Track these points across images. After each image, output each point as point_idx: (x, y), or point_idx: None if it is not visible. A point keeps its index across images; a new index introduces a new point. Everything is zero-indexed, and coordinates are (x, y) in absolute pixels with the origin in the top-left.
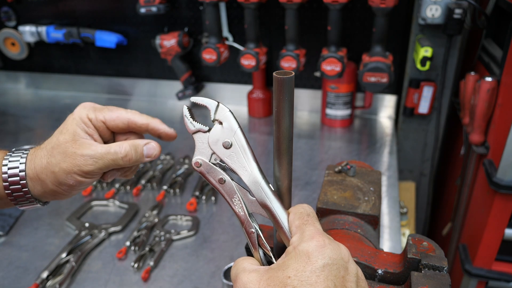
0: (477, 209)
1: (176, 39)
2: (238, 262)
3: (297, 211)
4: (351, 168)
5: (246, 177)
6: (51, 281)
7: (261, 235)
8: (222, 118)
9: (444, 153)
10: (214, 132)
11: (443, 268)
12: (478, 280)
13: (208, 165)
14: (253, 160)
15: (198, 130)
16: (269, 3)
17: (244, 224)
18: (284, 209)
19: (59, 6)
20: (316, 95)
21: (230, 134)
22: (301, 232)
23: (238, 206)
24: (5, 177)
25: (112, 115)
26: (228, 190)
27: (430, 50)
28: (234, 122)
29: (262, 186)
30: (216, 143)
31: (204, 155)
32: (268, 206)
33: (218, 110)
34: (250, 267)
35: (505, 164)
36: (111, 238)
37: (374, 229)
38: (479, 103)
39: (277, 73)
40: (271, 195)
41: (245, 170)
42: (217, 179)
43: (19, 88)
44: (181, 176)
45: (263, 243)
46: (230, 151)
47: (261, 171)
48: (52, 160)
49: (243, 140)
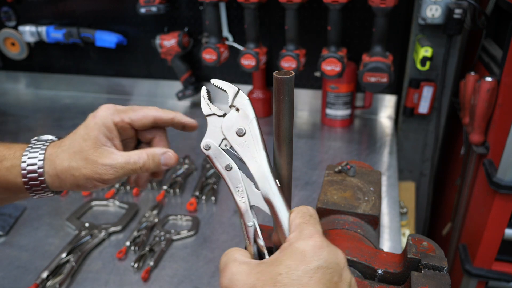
0: (477, 209)
1: (176, 39)
2: (230, 251)
3: (300, 210)
4: (351, 168)
5: (254, 168)
6: (51, 281)
7: (258, 231)
8: (239, 105)
9: (444, 153)
10: (230, 118)
11: (443, 268)
12: (478, 280)
13: (217, 149)
14: (264, 152)
15: (213, 113)
16: (269, 3)
17: (243, 216)
18: (287, 207)
19: (59, 6)
20: (316, 95)
21: (245, 122)
22: (300, 230)
23: (240, 196)
24: (24, 173)
25: (137, 115)
26: (234, 179)
27: (430, 50)
28: (251, 111)
29: (269, 180)
30: (229, 128)
31: (215, 139)
32: (272, 201)
33: (237, 96)
34: (241, 258)
35: (505, 164)
36: (111, 238)
37: (374, 229)
38: (479, 103)
39: (277, 73)
40: (276, 191)
41: (254, 161)
42: (224, 165)
43: (19, 88)
44: (181, 176)
45: (259, 239)
46: (243, 139)
47: (270, 165)
48: (73, 165)
49: (257, 131)
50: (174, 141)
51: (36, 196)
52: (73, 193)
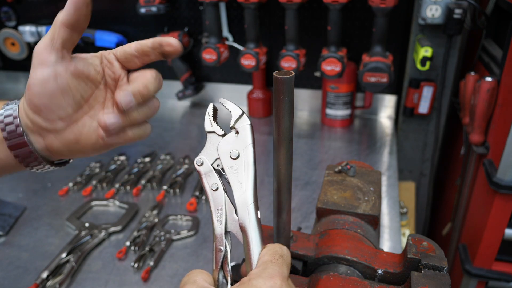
0: (477, 209)
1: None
2: (193, 273)
3: (273, 248)
4: (351, 168)
5: (238, 194)
6: (51, 281)
7: (228, 257)
8: (240, 128)
9: (444, 153)
10: (227, 139)
11: (443, 268)
12: (478, 280)
13: (209, 167)
14: (252, 180)
15: (213, 131)
16: (269, 3)
17: (216, 239)
18: (261, 241)
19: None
20: (316, 95)
21: (242, 146)
22: (264, 268)
23: (218, 218)
24: (1, 125)
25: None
26: (217, 200)
27: (430, 50)
28: (250, 137)
29: (250, 209)
30: (224, 149)
31: (209, 157)
32: (247, 231)
33: (240, 119)
34: (201, 283)
35: (505, 164)
36: (111, 238)
37: (374, 229)
38: (479, 103)
39: (277, 73)
40: (254, 221)
41: (240, 187)
42: (211, 184)
43: (19, 88)
44: (181, 176)
45: (227, 266)
46: (235, 162)
47: (256, 195)
48: None
49: (251, 158)
50: (174, 141)
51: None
52: (73, 193)
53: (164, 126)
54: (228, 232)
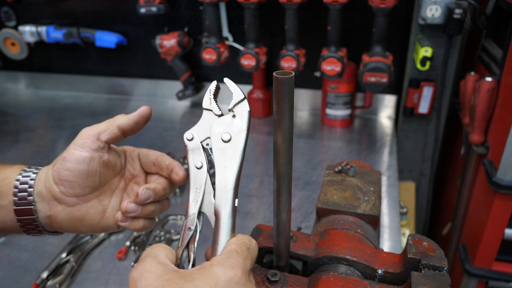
0: (477, 209)
1: (176, 39)
2: (155, 246)
3: (241, 238)
4: (351, 168)
5: (220, 177)
6: (51, 281)
7: (196, 237)
8: (238, 112)
9: (444, 153)
10: (223, 120)
11: (443, 268)
12: (478, 280)
13: (198, 144)
14: (237, 167)
15: (210, 109)
16: (269, 3)
17: (188, 218)
18: (232, 230)
19: (59, 6)
20: (316, 95)
21: (235, 131)
22: (228, 257)
23: (195, 198)
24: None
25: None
26: (198, 179)
27: (430, 50)
28: (246, 123)
29: (228, 195)
30: (217, 130)
31: (201, 133)
32: (220, 216)
33: (240, 104)
34: (162, 258)
35: (505, 164)
36: (111, 238)
37: (374, 229)
38: (479, 103)
39: (277, 73)
40: (229, 208)
41: (224, 171)
42: (196, 161)
43: (19, 88)
44: None
45: (192, 246)
46: (225, 145)
47: (237, 183)
48: None
49: (242, 144)
50: (174, 141)
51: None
52: None
53: (164, 126)
54: (202, 212)
